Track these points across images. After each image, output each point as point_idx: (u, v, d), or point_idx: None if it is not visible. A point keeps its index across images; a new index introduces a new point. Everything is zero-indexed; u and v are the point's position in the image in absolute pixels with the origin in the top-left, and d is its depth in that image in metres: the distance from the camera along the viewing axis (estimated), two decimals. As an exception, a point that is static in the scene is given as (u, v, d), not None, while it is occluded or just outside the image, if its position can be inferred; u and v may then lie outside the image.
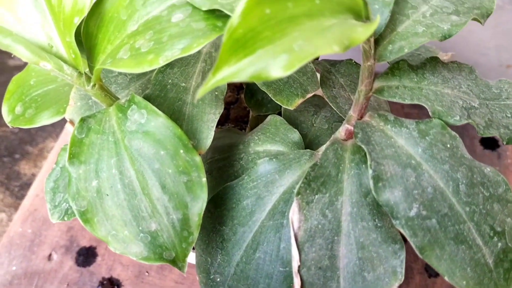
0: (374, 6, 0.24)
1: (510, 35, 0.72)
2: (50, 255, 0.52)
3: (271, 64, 0.17)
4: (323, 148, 0.28)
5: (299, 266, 0.24)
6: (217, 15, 0.26)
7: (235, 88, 0.50)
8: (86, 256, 0.52)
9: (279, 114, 0.36)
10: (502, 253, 0.23)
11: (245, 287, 0.28)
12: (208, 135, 0.30)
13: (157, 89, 0.31)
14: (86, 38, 0.29)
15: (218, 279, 0.29)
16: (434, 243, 0.22)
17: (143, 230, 0.27)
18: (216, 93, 0.31)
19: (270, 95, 0.31)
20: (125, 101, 0.29)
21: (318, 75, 0.34)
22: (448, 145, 0.24)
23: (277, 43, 0.18)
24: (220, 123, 0.49)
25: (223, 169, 0.33)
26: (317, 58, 0.41)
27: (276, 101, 0.31)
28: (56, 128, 1.05)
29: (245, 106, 0.49)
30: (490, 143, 0.55)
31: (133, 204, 0.27)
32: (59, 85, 0.36)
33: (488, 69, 0.79)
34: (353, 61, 0.37)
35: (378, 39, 0.25)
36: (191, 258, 0.30)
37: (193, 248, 0.29)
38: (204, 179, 0.27)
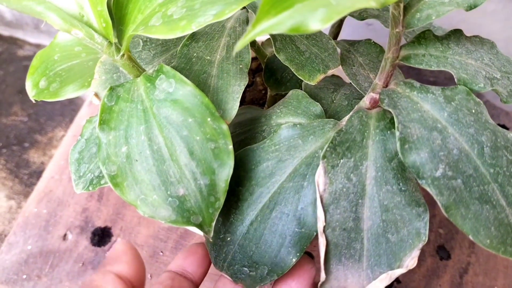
0: (402, -26, 0.25)
1: (519, 27, 0.73)
2: (65, 235, 0.53)
3: (309, 17, 0.18)
4: (346, 117, 0.29)
5: (324, 227, 0.25)
6: (249, -17, 0.26)
7: (250, 71, 0.51)
8: (101, 236, 0.53)
9: (299, 91, 0.36)
10: (525, 214, 0.24)
11: (256, 246, 0.28)
12: (233, 105, 0.30)
13: (183, 61, 0.32)
14: (116, 9, 0.30)
15: (229, 238, 0.29)
16: (459, 202, 0.23)
17: (172, 194, 0.27)
18: (241, 66, 0.32)
19: (292, 70, 0.32)
20: (153, 71, 0.30)
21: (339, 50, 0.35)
22: (473, 111, 0.25)
23: (315, -3, 0.19)
24: (236, 105, 0.50)
25: (245, 142, 0.33)
26: (335, 38, 0.42)
27: (298, 76, 0.32)
28: (66, 117, 1.06)
29: (260, 88, 0.50)
30: (501, 131, 0.56)
31: (161, 169, 0.28)
32: (84, 60, 0.37)
33: (497, 62, 0.79)
34: (371, 41, 0.38)
35: (406, 7, 0.25)
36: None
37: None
38: (231, 147, 0.28)
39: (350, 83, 0.35)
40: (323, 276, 0.25)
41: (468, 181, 0.23)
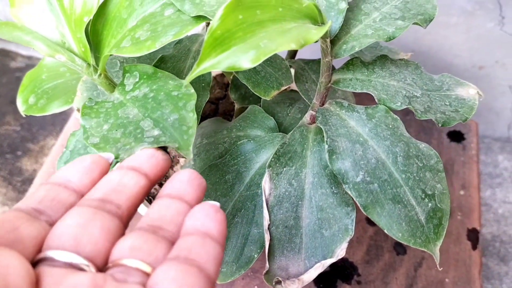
0: (330, 13, 0.29)
1: (481, 38, 0.78)
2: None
3: (242, 58, 0.23)
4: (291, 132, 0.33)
5: (269, 225, 0.30)
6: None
7: (223, 85, 0.56)
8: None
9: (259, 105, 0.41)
10: (432, 211, 0.28)
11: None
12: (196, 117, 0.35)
13: (153, 81, 0.37)
14: (93, 35, 0.34)
15: None
16: (375, 203, 0.27)
17: (148, 136, 0.30)
18: (203, 84, 0.36)
19: (249, 87, 0.37)
20: (121, 76, 0.34)
21: (293, 71, 0.39)
22: (390, 126, 0.29)
23: (247, 42, 0.24)
24: (210, 116, 0.55)
25: (210, 151, 0.38)
26: (293, 57, 0.47)
27: (255, 93, 0.37)
28: (56, 127, 1.10)
29: (232, 101, 0.54)
30: (456, 137, 0.61)
31: (137, 126, 0.31)
32: (68, 79, 0.42)
33: (462, 70, 0.85)
34: (324, 60, 0.43)
35: (335, 39, 0.30)
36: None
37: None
38: (192, 90, 0.31)
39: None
40: (267, 266, 0.29)
41: (383, 185, 0.28)
